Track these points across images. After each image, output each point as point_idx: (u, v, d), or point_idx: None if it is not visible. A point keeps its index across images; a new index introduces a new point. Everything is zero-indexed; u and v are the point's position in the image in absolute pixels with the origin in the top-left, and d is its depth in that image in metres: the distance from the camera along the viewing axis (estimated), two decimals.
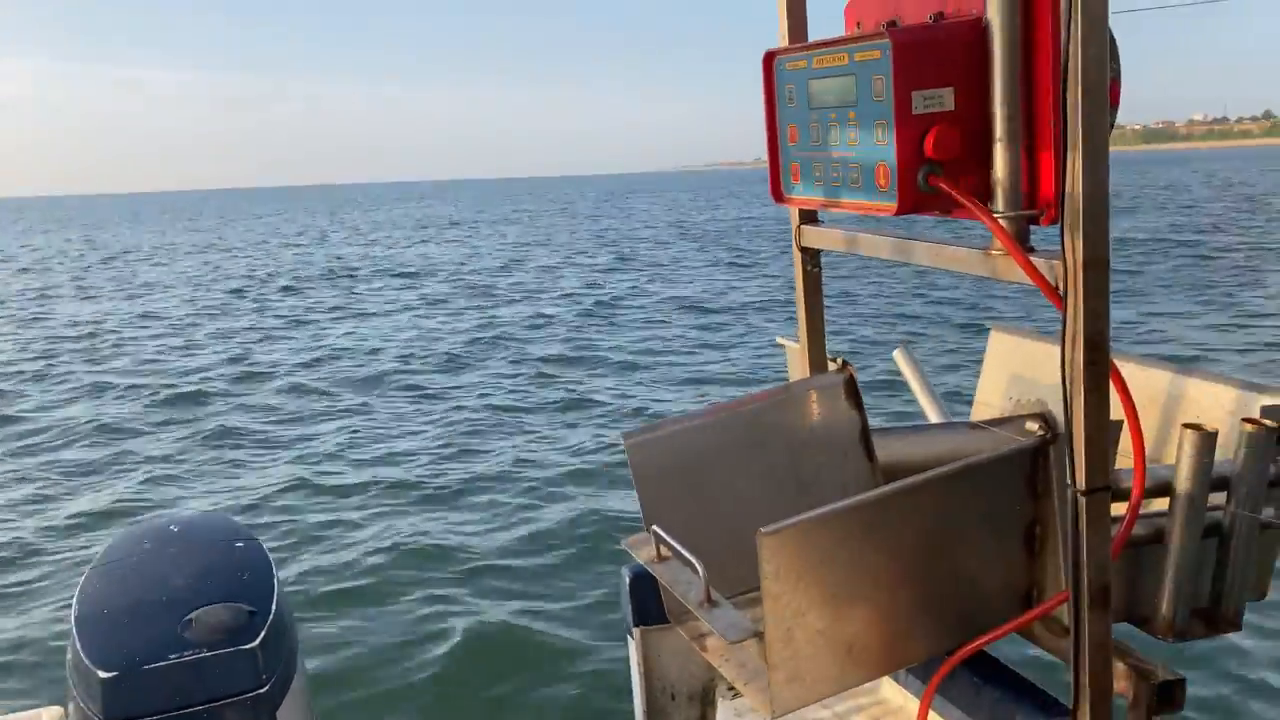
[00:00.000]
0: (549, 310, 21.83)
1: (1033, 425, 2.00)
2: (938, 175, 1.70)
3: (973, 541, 1.91)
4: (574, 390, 13.66)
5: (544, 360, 15.96)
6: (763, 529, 1.66)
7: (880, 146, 1.75)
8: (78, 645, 2.37)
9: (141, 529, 2.95)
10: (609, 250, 37.47)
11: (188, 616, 2.41)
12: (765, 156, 2.20)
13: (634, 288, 25.43)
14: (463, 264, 33.85)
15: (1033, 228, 1.74)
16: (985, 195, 1.73)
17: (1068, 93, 1.49)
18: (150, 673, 2.29)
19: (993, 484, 1.92)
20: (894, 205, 1.74)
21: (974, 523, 1.91)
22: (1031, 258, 1.64)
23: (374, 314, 22.32)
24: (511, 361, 16.03)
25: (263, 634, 2.41)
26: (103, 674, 2.27)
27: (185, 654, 2.33)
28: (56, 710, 2.63)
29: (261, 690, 2.35)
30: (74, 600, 2.56)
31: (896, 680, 2.47)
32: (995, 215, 1.70)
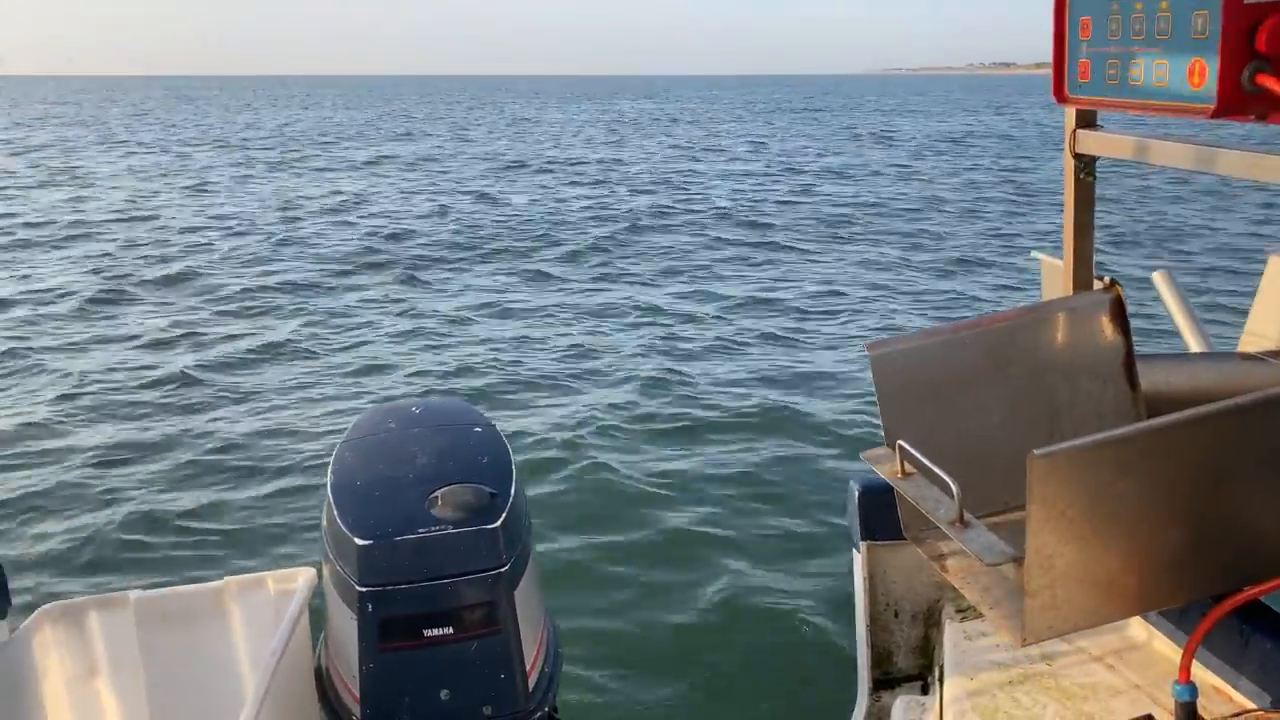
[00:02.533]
0: None
1: None
2: (1266, 73, 1.52)
3: (1256, 481, 1.76)
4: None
5: None
6: (1035, 452, 1.57)
7: (1199, 40, 1.58)
8: (335, 513, 2.52)
9: (386, 409, 3.09)
10: None
11: (433, 494, 2.52)
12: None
13: None
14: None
15: None
16: None
17: None
18: (402, 544, 2.41)
19: None
20: (1211, 106, 1.58)
21: (1260, 461, 1.76)
22: None
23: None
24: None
25: (503, 515, 2.50)
26: (359, 541, 2.41)
27: (433, 529, 2.44)
28: (311, 571, 2.82)
29: (503, 569, 2.45)
30: (329, 471, 2.71)
31: (1146, 620, 2.34)
32: None
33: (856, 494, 2.73)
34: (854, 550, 2.82)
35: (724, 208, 22.95)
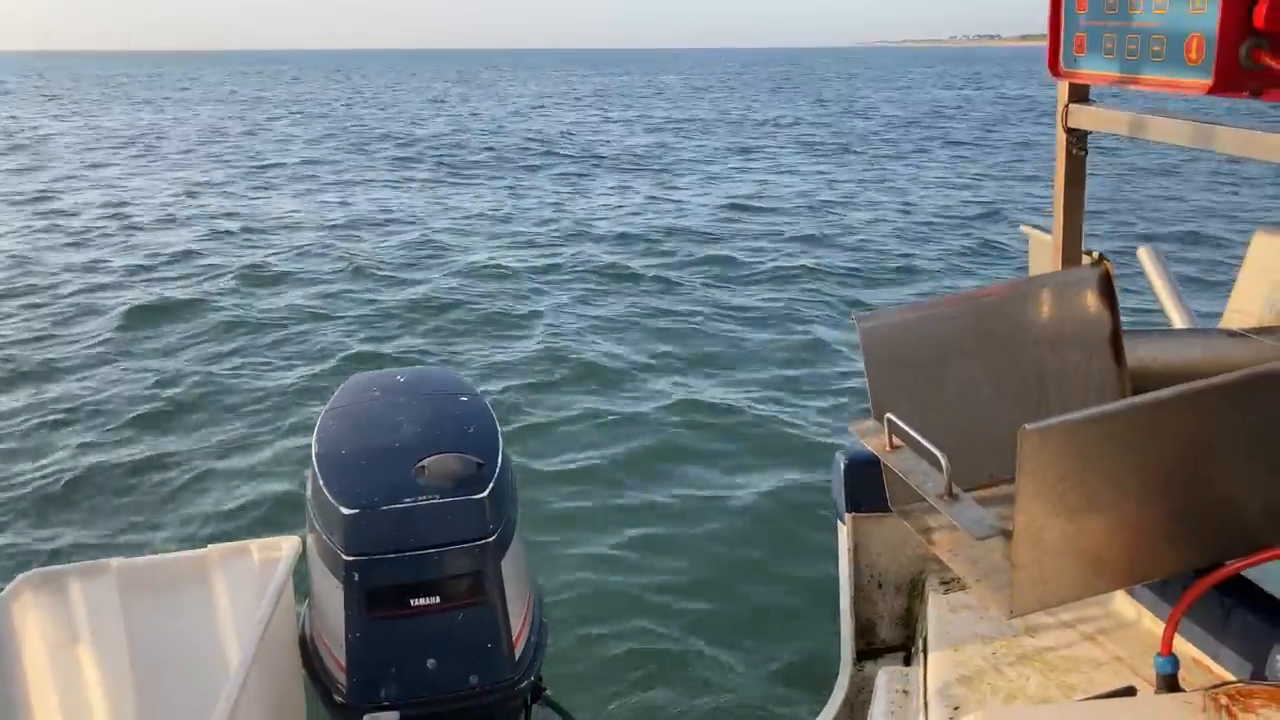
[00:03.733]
0: None
1: None
2: (1264, 50, 1.52)
3: (1241, 457, 1.77)
4: None
5: None
6: (1027, 426, 1.58)
7: (1197, 15, 1.57)
8: (320, 482, 2.50)
9: (369, 377, 3.07)
10: None
11: (420, 463, 2.51)
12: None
13: None
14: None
15: None
16: None
17: None
18: (388, 513, 2.40)
19: (1274, 397, 1.77)
20: (1207, 82, 1.57)
21: (1246, 437, 1.77)
22: None
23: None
24: None
25: (490, 485, 2.49)
26: (345, 510, 2.40)
27: (419, 498, 2.43)
28: (295, 539, 2.81)
29: (489, 539, 2.44)
30: (313, 439, 2.69)
31: (1129, 593, 2.36)
32: None
33: (842, 466, 2.73)
34: (838, 522, 2.83)
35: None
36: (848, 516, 2.76)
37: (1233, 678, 1.97)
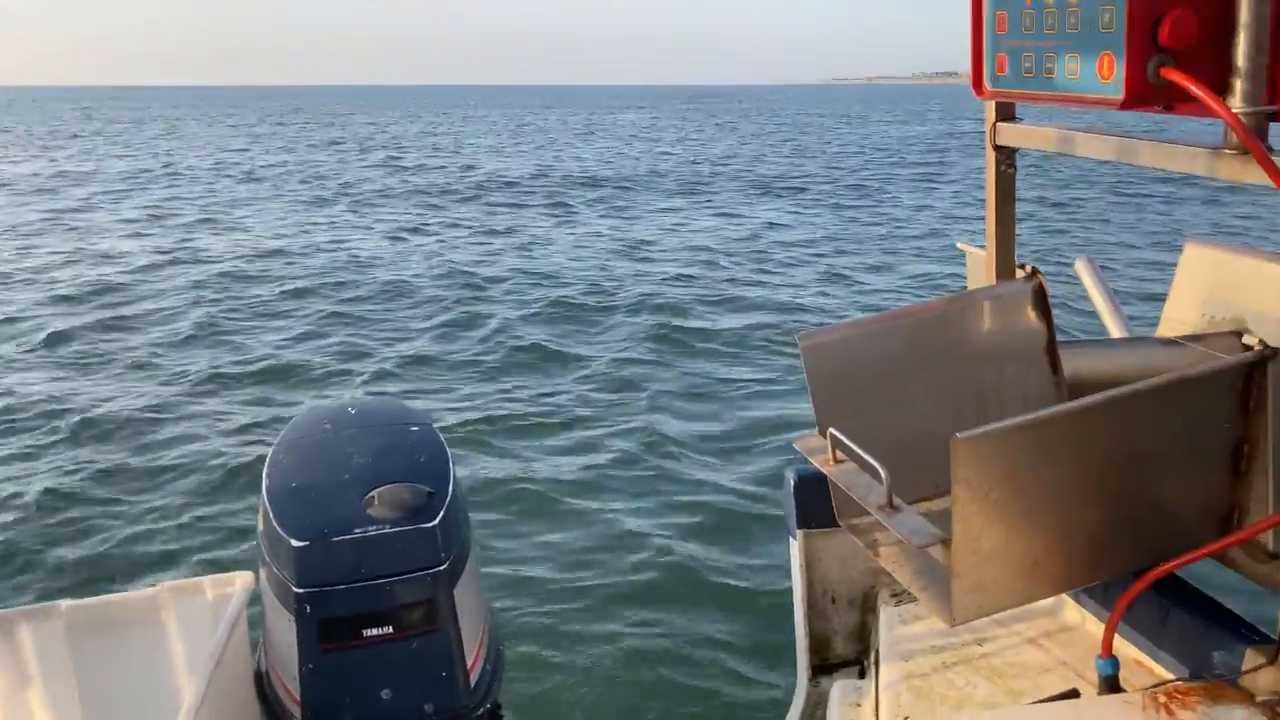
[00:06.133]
0: None
1: (1251, 340, 1.89)
2: (1170, 66, 1.58)
3: (1172, 459, 1.82)
4: None
5: None
6: (958, 435, 1.61)
7: (1106, 34, 1.63)
8: (270, 516, 2.49)
9: (321, 410, 3.07)
10: None
11: (370, 494, 2.51)
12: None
13: None
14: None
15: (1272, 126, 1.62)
16: (1220, 89, 1.60)
17: None
18: (339, 544, 2.40)
19: (1200, 399, 1.82)
20: (1119, 98, 1.63)
21: (1175, 439, 1.82)
22: (1275, 157, 1.52)
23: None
24: None
25: (441, 514, 2.49)
26: (295, 543, 2.39)
27: (370, 529, 2.43)
28: (248, 575, 2.79)
29: (441, 567, 2.44)
30: (264, 473, 2.69)
31: (1074, 598, 2.40)
32: (1234, 111, 1.57)
33: (792, 482, 2.76)
34: (790, 538, 2.85)
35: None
36: (799, 533, 2.78)
37: (1172, 677, 2.02)
